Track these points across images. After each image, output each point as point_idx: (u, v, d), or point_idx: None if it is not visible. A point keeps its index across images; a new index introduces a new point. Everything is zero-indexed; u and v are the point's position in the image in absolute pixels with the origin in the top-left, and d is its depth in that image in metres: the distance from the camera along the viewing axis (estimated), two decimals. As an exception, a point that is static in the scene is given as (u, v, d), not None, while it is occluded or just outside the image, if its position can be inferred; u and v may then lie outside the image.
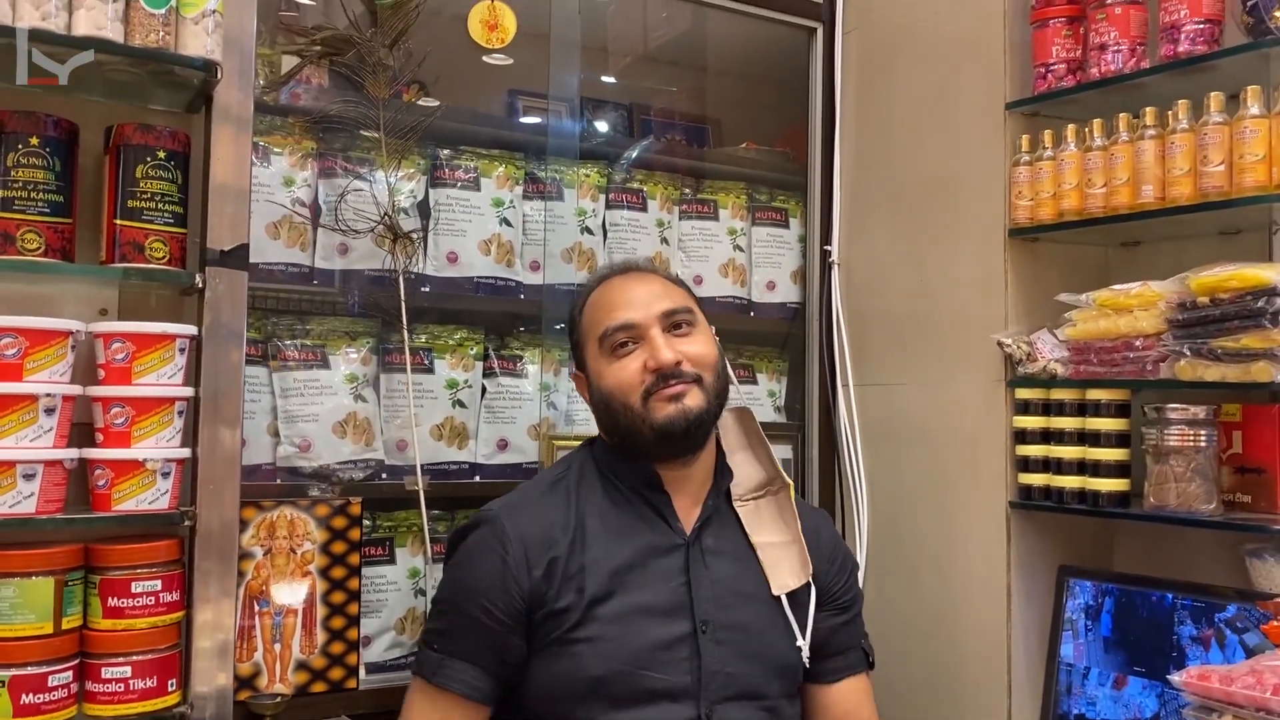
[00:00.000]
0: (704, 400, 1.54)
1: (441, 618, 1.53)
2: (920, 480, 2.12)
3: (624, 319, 1.56)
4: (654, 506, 1.57)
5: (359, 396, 1.94)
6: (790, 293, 2.40)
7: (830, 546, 1.69)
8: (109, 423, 1.36)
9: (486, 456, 2.07)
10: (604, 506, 1.57)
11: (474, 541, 1.54)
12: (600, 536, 1.53)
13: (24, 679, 1.29)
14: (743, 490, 1.66)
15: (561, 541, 1.51)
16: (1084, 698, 1.86)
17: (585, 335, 1.63)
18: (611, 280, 1.65)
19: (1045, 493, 1.88)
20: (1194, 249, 1.87)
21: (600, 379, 1.58)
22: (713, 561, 1.56)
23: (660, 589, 1.51)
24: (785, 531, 1.62)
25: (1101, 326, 1.79)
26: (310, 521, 1.82)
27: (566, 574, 1.49)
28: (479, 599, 1.48)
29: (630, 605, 1.49)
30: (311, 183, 1.93)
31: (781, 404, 2.41)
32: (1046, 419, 1.88)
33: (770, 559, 1.59)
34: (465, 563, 1.53)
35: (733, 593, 1.54)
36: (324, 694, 1.81)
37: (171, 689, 1.39)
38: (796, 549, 1.60)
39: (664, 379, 1.52)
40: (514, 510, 1.56)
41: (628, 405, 1.54)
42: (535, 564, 1.49)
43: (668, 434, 1.52)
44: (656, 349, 1.53)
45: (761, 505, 1.66)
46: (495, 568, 1.49)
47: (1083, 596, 1.91)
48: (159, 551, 1.39)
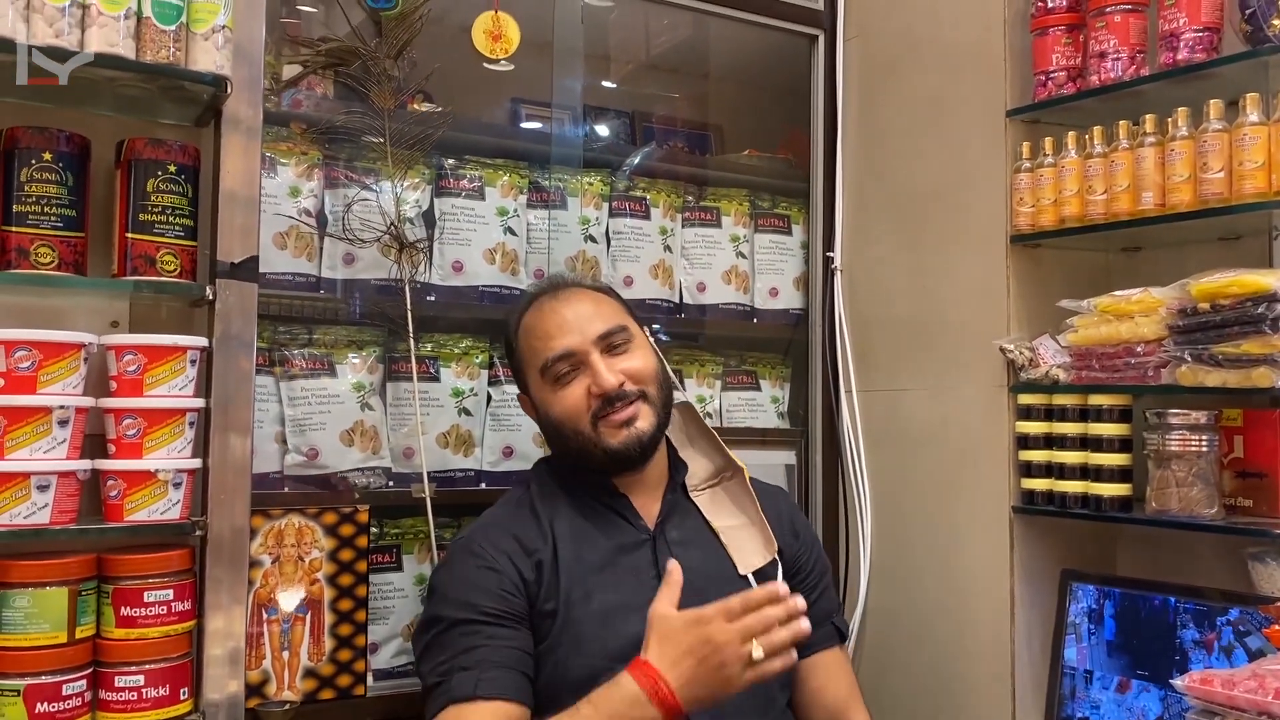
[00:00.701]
0: (653, 417, 1.60)
1: (451, 643, 1.50)
2: (923, 485, 2.13)
3: (561, 348, 1.59)
4: (615, 509, 1.62)
5: (366, 405, 1.95)
6: (793, 299, 2.41)
7: (790, 520, 1.74)
8: (121, 434, 1.37)
9: (492, 464, 2.09)
10: (570, 514, 1.61)
11: (458, 567, 1.55)
12: (570, 543, 1.57)
13: (39, 688, 1.31)
14: (697, 481, 1.71)
15: (542, 550, 1.56)
16: (1087, 701, 1.87)
17: (525, 364, 1.66)
18: (541, 303, 1.67)
19: (1048, 497, 1.89)
20: (1195, 254, 1.88)
21: (547, 408, 1.62)
22: (679, 551, 1.59)
23: (633, 585, 1.55)
24: (745, 514, 1.68)
25: (1103, 332, 1.80)
26: (318, 529, 1.83)
27: (551, 579, 1.53)
28: (484, 608, 1.49)
29: (607, 604, 1.53)
30: (317, 193, 1.94)
31: (785, 410, 2.43)
32: (1049, 424, 1.89)
33: (733, 541, 1.64)
34: (457, 585, 1.53)
35: (703, 578, 1.56)
36: (332, 701, 1.82)
37: (184, 697, 1.40)
38: (759, 529, 1.65)
39: (609, 402, 1.57)
40: (488, 529, 1.60)
41: (578, 431, 1.59)
42: (524, 568, 1.53)
43: (622, 457, 1.58)
44: (598, 374, 1.57)
45: (718, 492, 1.71)
46: (489, 578, 1.51)
47: (1085, 600, 1.92)
48: (171, 561, 1.40)
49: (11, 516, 1.31)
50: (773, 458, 2.34)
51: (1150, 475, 1.75)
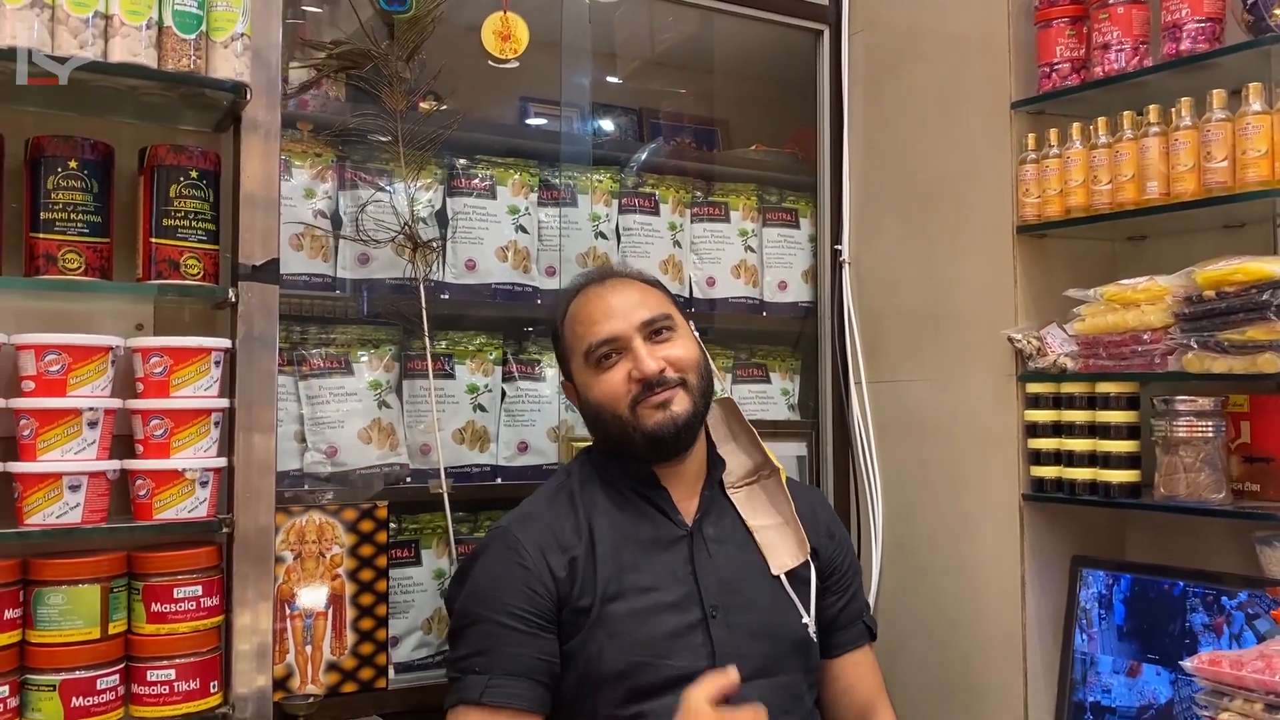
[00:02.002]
0: (690, 403, 1.61)
1: (472, 639, 1.53)
2: (934, 475, 2.15)
3: (606, 333, 1.61)
4: (654, 503, 1.64)
5: (383, 402, 1.98)
6: (802, 292, 2.44)
7: (826, 522, 1.77)
8: (149, 434, 1.41)
9: (508, 459, 2.11)
10: (607, 507, 1.63)
11: (490, 558, 1.58)
12: (608, 536, 1.59)
13: (74, 683, 1.34)
14: (735, 478, 1.73)
15: (576, 544, 1.57)
16: (1099, 686, 1.90)
17: (570, 349, 1.68)
18: (589, 291, 1.69)
19: (1057, 485, 1.91)
20: (1199, 243, 1.90)
21: (588, 390, 1.64)
22: (715, 549, 1.62)
23: (668, 580, 1.58)
24: (779, 514, 1.69)
25: (1109, 321, 1.82)
26: (338, 525, 1.86)
27: (585, 574, 1.55)
28: (509, 608, 1.51)
29: (642, 599, 1.55)
30: (332, 194, 1.97)
31: (795, 402, 2.45)
32: (1057, 412, 1.92)
33: (767, 541, 1.66)
34: (486, 579, 1.56)
35: (737, 576, 1.60)
36: (355, 694, 1.85)
37: (214, 690, 1.44)
38: (792, 529, 1.67)
39: (649, 388, 1.59)
40: (524, 521, 1.62)
41: (617, 415, 1.60)
42: (556, 565, 1.54)
43: (658, 439, 1.59)
44: (640, 359, 1.59)
45: (754, 490, 1.72)
46: (518, 575, 1.53)
47: (1096, 586, 1.94)
48: (199, 558, 1.44)
49: (45, 516, 1.34)
50: (784, 449, 2.36)
51: (1158, 461, 1.77)
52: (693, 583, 1.58)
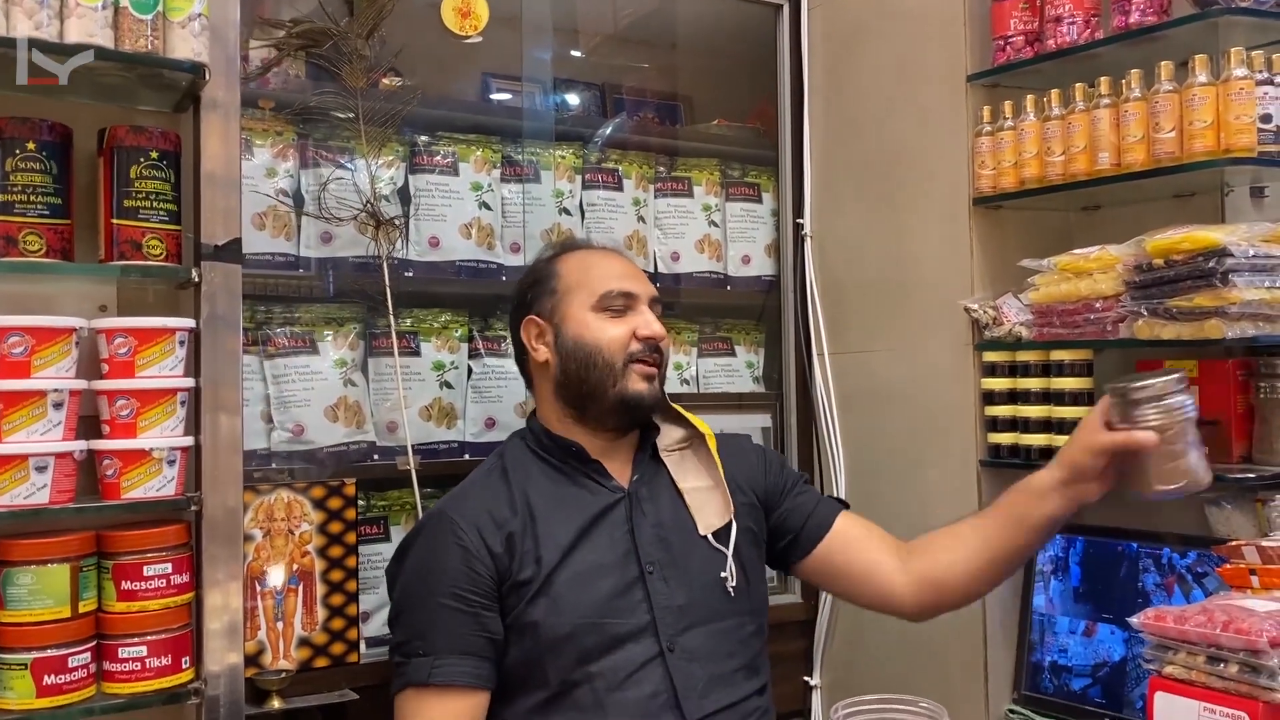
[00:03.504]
0: (660, 386, 1.69)
1: (414, 623, 1.55)
2: (894, 442, 2.19)
3: (628, 287, 1.68)
4: (587, 474, 1.67)
5: (349, 381, 1.99)
6: (765, 266, 2.46)
7: (751, 456, 1.81)
8: (115, 415, 1.41)
9: (475, 435, 2.13)
10: (541, 482, 1.66)
11: (428, 539, 1.60)
12: (544, 510, 1.62)
13: (45, 661, 1.35)
14: (668, 442, 1.77)
15: (512, 519, 1.59)
16: (1056, 646, 1.95)
17: (570, 286, 1.69)
18: (604, 250, 1.78)
19: (1013, 450, 1.96)
20: (1151, 212, 1.94)
21: (585, 329, 1.66)
22: (649, 509, 1.66)
23: (607, 543, 1.62)
24: (708, 477, 1.73)
25: (1063, 290, 1.86)
26: (306, 503, 1.87)
27: (524, 547, 1.57)
28: (449, 588, 1.53)
29: (583, 565, 1.58)
30: (294, 173, 1.97)
31: (760, 374, 2.48)
32: (1013, 380, 1.96)
33: (696, 502, 1.71)
34: (423, 561, 1.58)
35: (670, 533, 1.64)
36: (327, 668, 1.87)
37: (185, 666, 1.45)
38: (719, 492, 1.71)
39: (650, 350, 1.65)
40: (458, 501, 1.65)
41: (609, 362, 1.64)
42: (493, 542, 1.57)
43: (632, 404, 1.64)
44: (650, 321, 1.67)
45: (686, 454, 1.77)
46: (456, 554, 1.55)
47: (1052, 549, 1.99)
48: (168, 536, 1.45)
49: (12, 497, 1.34)
50: (749, 421, 2.39)
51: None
52: (630, 542, 1.62)
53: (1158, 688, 1.32)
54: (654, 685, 1.53)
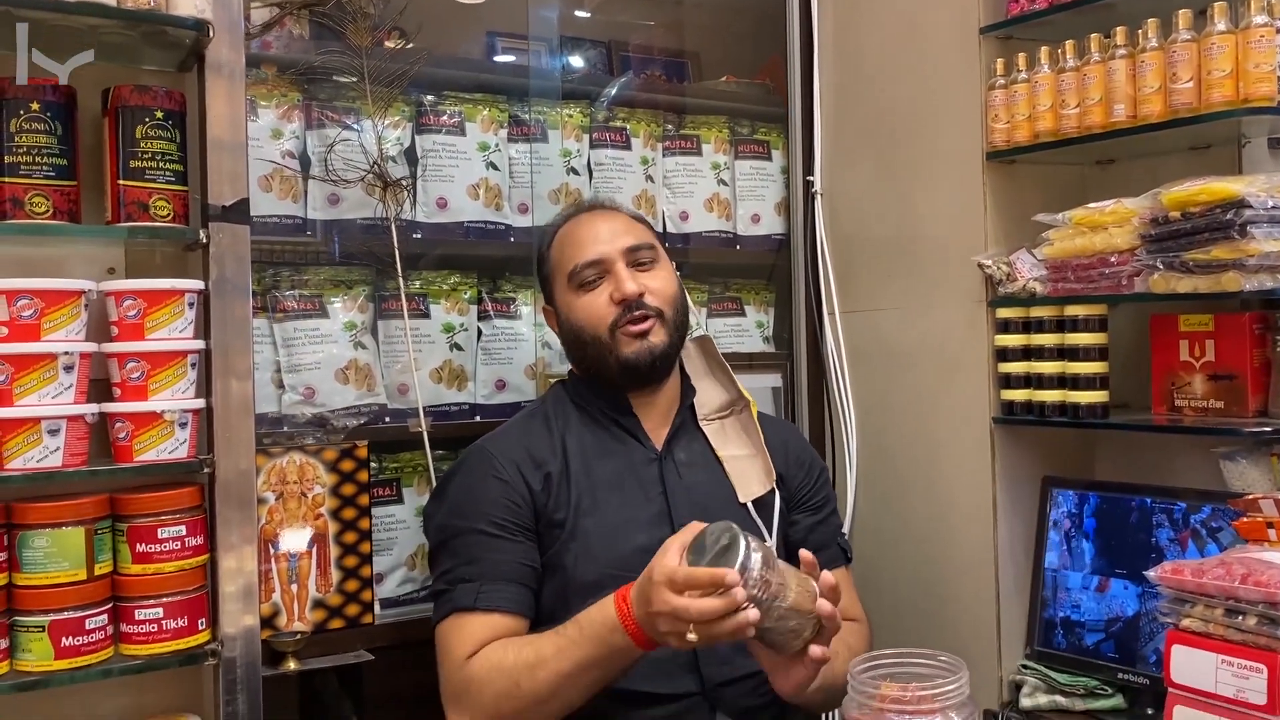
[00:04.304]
0: (665, 336, 1.66)
1: (457, 551, 1.57)
2: (906, 401, 2.18)
3: (591, 255, 1.67)
4: (625, 428, 1.69)
5: (359, 344, 1.98)
6: (775, 224, 2.44)
7: (797, 453, 1.81)
8: (125, 377, 1.41)
9: (486, 397, 2.13)
10: (581, 431, 1.68)
11: (467, 474, 1.63)
12: (581, 457, 1.64)
13: (62, 623, 1.36)
14: (708, 411, 1.78)
15: (551, 461, 1.63)
16: (1069, 602, 1.94)
17: (554, 271, 1.74)
18: (579, 217, 1.76)
19: (1027, 407, 1.94)
20: (1167, 165, 1.91)
21: (570, 312, 1.70)
22: (685, 472, 1.68)
23: (640, 500, 1.63)
24: (749, 445, 1.74)
25: (1078, 244, 1.83)
26: (319, 466, 1.88)
27: (560, 490, 1.60)
28: (491, 517, 1.56)
29: (614, 517, 1.60)
30: (299, 134, 1.95)
31: (770, 334, 2.47)
32: (1027, 336, 1.94)
33: (737, 470, 1.71)
34: (464, 493, 1.61)
35: (706, 499, 1.64)
36: (342, 630, 1.88)
37: (202, 627, 1.46)
38: (761, 461, 1.72)
39: (629, 309, 1.64)
40: (497, 438, 1.69)
41: (596, 337, 1.66)
42: (531, 478, 1.60)
43: (633, 368, 1.65)
44: (621, 281, 1.65)
45: (726, 424, 1.77)
46: (496, 486, 1.59)
47: (1066, 505, 1.98)
48: (181, 498, 1.45)
49: (25, 460, 1.34)
50: (759, 381, 2.38)
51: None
52: (663, 502, 1.63)
53: (1175, 641, 1.32)
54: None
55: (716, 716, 1.56)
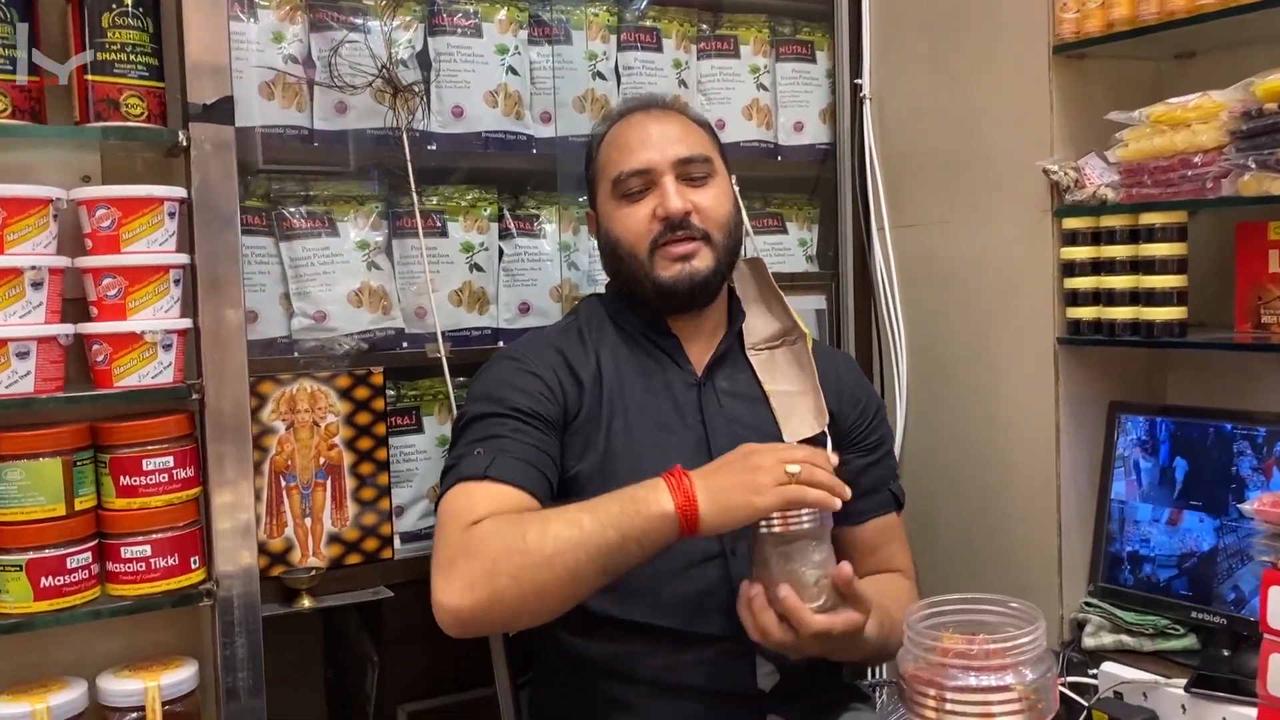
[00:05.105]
0: (711, 261, 1.51)
1: (474, 432, 1.42)
2: (962, 322, 2.03)
3: (638, 163, 1.52)
4: (664, 349, 1.56)
5: (372, 264, 1.86)
6: (819, 133, 2.27)
7: (853, 389, 1.66)
8: (101, 295, 1.29)
9: (509, 321, 2.00)
10: (616, 346, 1.56)
11: (495, 369, 1.52)
12: (616, 373, 1.52)
13: (42, 562, 1.26)
14: (756, 339, 1.63)
15: (584, 370, 1.50)
16: (1137, 535, 1.81)
17: (599, 175, 1.59)
18: (631, 117, 1.60)
19: (1095, 326, 1.79)
20: (1255, 57, 1.71)
21: (610, 222, 1.56)
22: (727, 401, 1.54)
23: (676, 426, 1.50)
24: (800, 381, 1.59)
25: (1156, 144, 1.66)
26: (331, 393, 1.77)
27: (591, 404, 1.48)
28: (515, 404, 1.43)
29: (648, 440, 1.48)
30: (303, 37, 1.81)
31: (813, 253, 2.31)
32: (1096, 249, 1.78)
33: (783, 407, 1.57)
34: (489, 385, 1.49)
35: (748, 431, 1.51)
36: (359, 565, 1.78)
37: (195, 566, 1.36)
38: (812, 398, 1.58)
39: (672, 229, 1.49)
40: (531, 342, 1.58)
41: (634, 254, 1.52)
42: (564, 380, 1.48)
43: (670, 293, 1.51)
44: (666, 196, 1.50)
45: (776, 355, 1.63)
46: (526, 379, 1.47)
47: (1135, 432, 1.84)
48: (168, 427, 1.34)
49: (-8, 386, 1.24)
50: (802, 303, 2.24)
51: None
52: (701, 429, 1.51)
53: (1273, 582, 1.17)
54: (709, 584, 1.42)
55: (754, 660, 1.45)
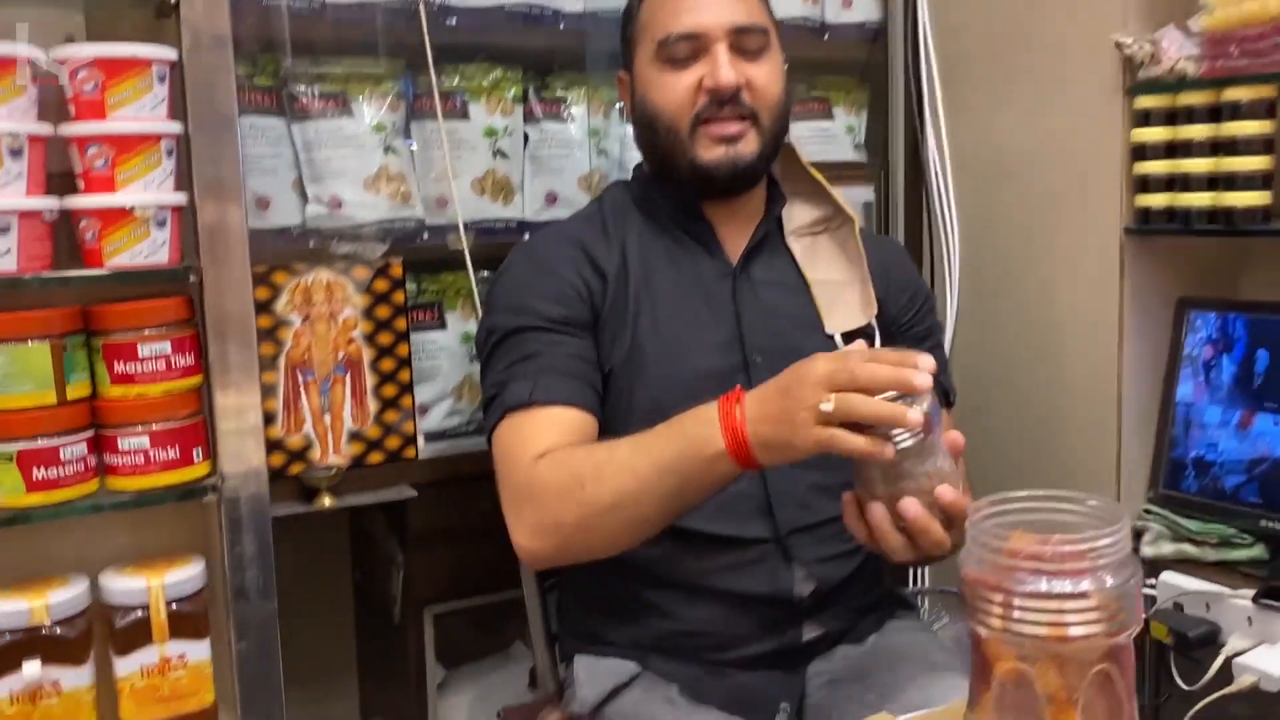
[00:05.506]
0: (757, 146, 1.39)
1: (508, 351, 1.35)
2: (1020, 214, 1.90)
3: (689, 26, 1.37)
4: (696, 237, 1.45)
5: (390, 148, 1.75)
6: (870, 10, 2.11)
7: (901, 278, 1.55)
8: (88, 166, 1.19)
9: (535, 212, 1.89)
10: (643, 236, 1.44)
11: (515, 272, 1.42)
12: (642, 265, 1.41)
13: (34, 453, 1.19)
14: (798, 225, 1.51)
15: (608, 265, 1.40)
16: (1203, 439, 1.70)
17: (640, 33, 1.44)
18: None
19: (1168, 215, 1.65)
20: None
21: (648, 90, 1.42)
22: (764, 291, 1.43)
23: (707, 320, 1.40)
24: (846, 269, 1.48)
25: (1246, 10, 1.51)
26: (349, 285, 1.68)
27: (616, 299, 1.38)
28: (542, 313, 1.35)
29: (676, 334, 1.38)
30: (309, -103, 1.68)
31: (861, 140, 2.17)
32: (1172, 129, 1.64)
33: (826, 297, 1.45)
34: (513, 292, 1.40)
35: (787, 325, 1.41)
36: (382, 464, 1.71)
37: (198, 460, 1.28)
38: (859, 288, 1.46)
39: (719, 104, 1.36)
40: (547, 235, 1.49)
41: (673, 128, 1.39)
42: (588, 277, 1.39)
43: (709, 176, 1.38)
44: (717, 67, 1.35)
45: (819, 241, 1.51)
46: (548, 283, 1.38)
47: (1205, 330, 1.72)
48: (164, 311, 1.25)
49: (-31, 264, 1.15)
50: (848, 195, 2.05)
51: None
52: (734, 324, 1.40)
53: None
54: (744, 485, 1.32)
55: (791, 565, 1.36)
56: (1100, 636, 0.69)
